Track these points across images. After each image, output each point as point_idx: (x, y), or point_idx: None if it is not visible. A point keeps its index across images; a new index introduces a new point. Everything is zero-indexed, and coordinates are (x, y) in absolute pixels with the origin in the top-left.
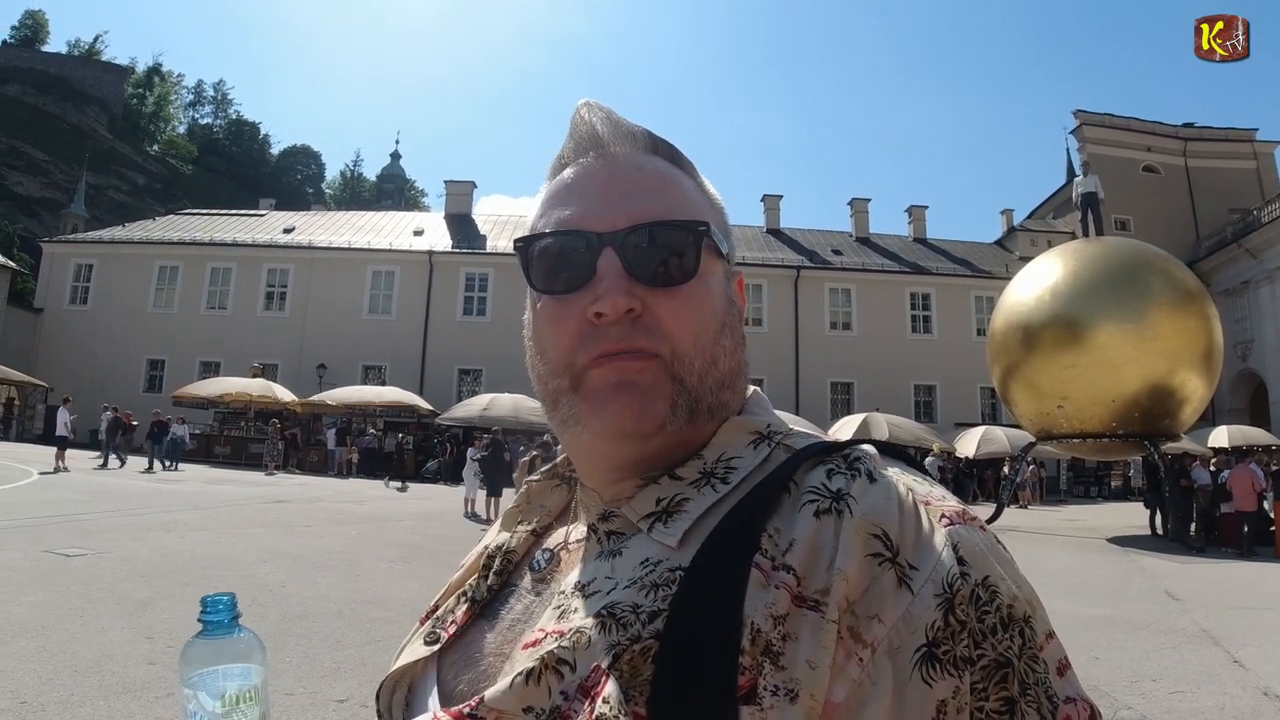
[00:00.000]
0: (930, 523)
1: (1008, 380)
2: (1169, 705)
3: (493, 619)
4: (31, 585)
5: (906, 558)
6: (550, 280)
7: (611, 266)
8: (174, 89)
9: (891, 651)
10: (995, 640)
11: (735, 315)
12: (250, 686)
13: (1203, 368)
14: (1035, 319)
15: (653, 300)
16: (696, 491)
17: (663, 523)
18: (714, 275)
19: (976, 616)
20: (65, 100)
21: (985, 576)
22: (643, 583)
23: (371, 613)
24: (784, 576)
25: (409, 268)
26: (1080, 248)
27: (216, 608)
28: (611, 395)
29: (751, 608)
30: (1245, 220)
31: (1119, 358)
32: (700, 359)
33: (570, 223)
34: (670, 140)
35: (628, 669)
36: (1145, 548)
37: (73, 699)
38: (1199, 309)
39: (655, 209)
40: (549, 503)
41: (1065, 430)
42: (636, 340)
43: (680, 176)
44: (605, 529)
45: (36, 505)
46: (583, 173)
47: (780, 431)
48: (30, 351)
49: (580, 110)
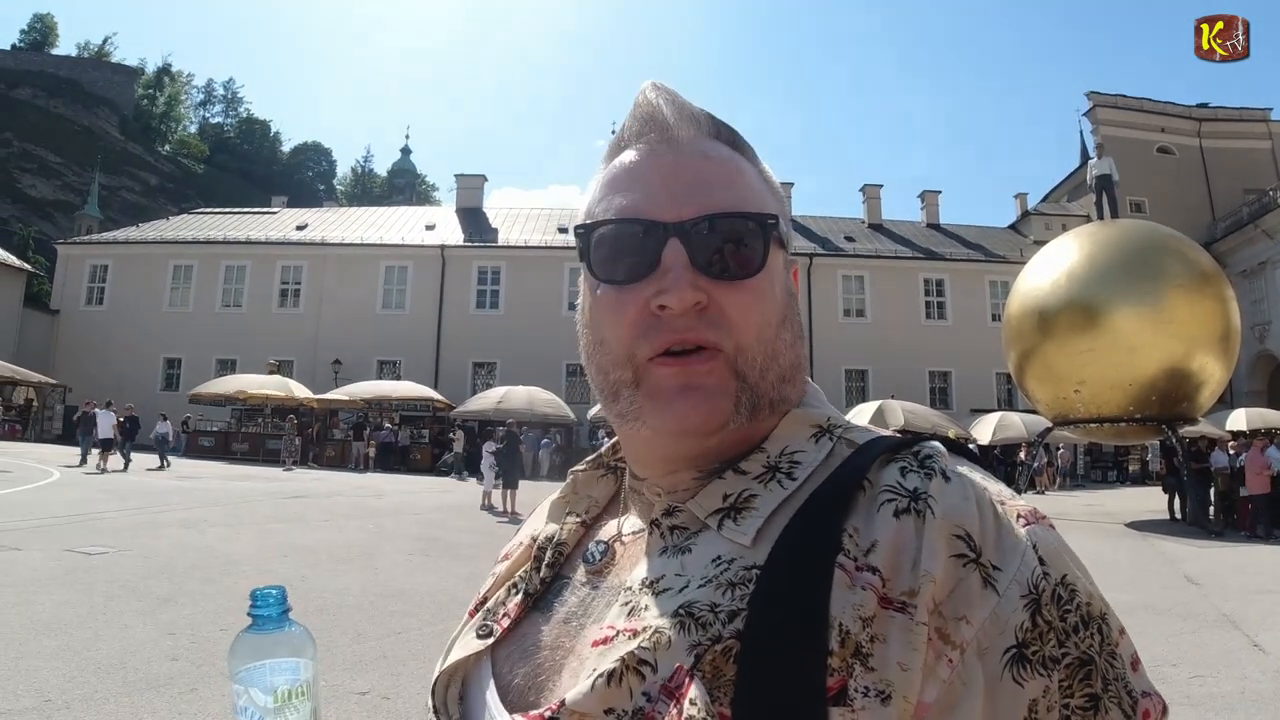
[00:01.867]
0: (1010, 523)
1: (1024, 365)
2: (1189, 690)
3: (546, 612)
4: (53, 584)
5: (990, 558)
6: (611, 268)
7: (678, 258)
8: (184, 89)
9: (981, 652)
10: (1078, 639)
11: (794, 307)
12: (301, 681)
13: (1220, 350)
14: (1051, 303)
15: (718, 293)
16: (763, 487)
17: (733, 520)
18: (777, 267)
19: (1059, 616)
20: (76, 102)
21: (1064, 575)
22: (718, 581)
23: (391, 605)
24: (869, 578)
25: (421, 262)
26: (1095, 231)
27: (266, 601)
28: (677, 396)
29: (838, 608)
30: (1261, 200)
31: (1135, 341)
32: (763, 354)
33: (635, 210)
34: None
35: (710, 670)
36: (1164, 532)
37: (96, 696)
38: (1216, 291)
39: (722, 199)
40: (596, 493)
41: (1082, 415)
42: (702, 333)
43: (743, 164)
44: (669, 524)
45: (57, 505)
46: (646, 157)
47: (840, 425)
48: (47, 353)
49: (645, 91)
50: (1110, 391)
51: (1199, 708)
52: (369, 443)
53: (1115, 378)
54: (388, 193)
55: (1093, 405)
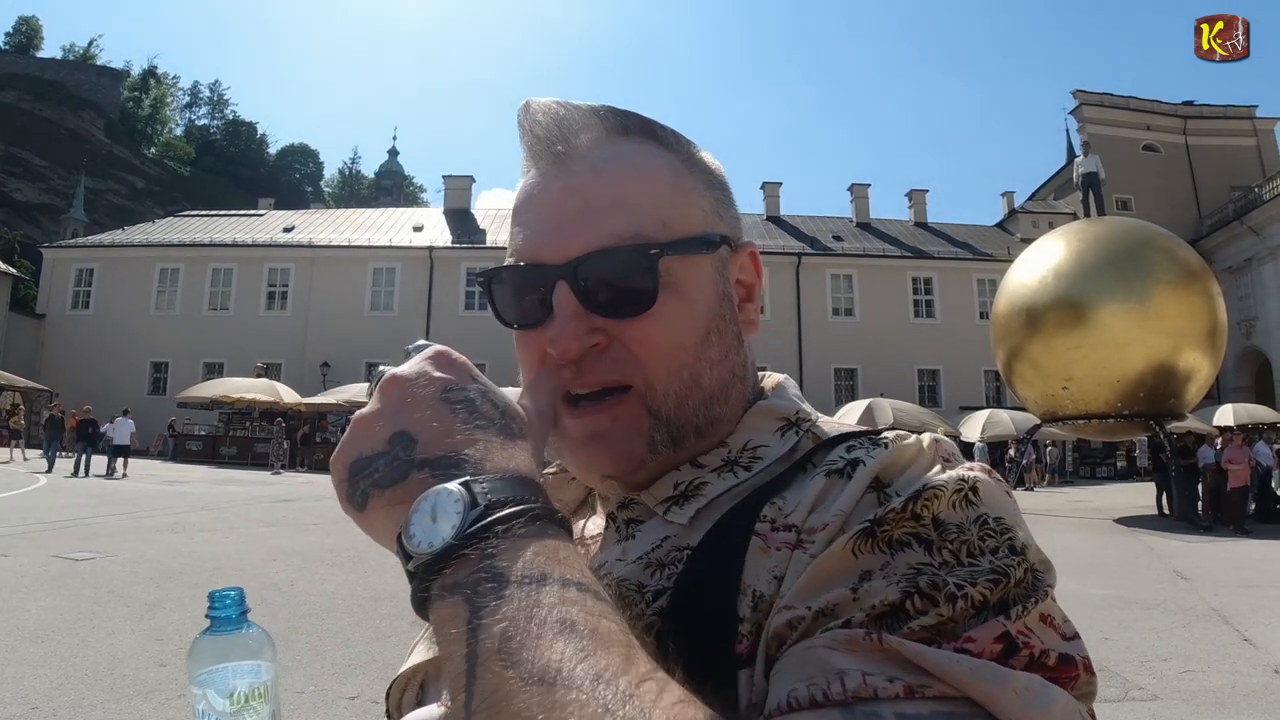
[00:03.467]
0: (935, 466)
1: (1012, 363)
2: (1179, 685)
3: None
4: (40, 590)
5: (895, 489)
6: (511, 313)
7: (566, 303)
8: (170, 91)
9: (831, 536)
10: (961, 535)
11: (728, 312)
12: (260, 684)
13: (1207, 346)
14: (1038, 301)
15: (618, 330)
16: (716, 477)
17: (678, 505)
18: (694, 279)
19: (951, 513)
20: (62, 105)
21: (999, 517)
22: (648, 560)
23: (381, 609)
24: (785, 536)
25: (410, 264)
26: (1082, 228)
27: (224, 603)
28: (585, 445)
29: (752, 576)
30: (1247, 198)
31: (1123, 338)
32: (677, 383)
33: (525, 251)
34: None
35: None
36: (1153, 527)
37: (84, 703)
38: (1202, 287)
39: (609, 227)
40: (565, 496)
41: (1070, 411)
42: (603, 375)
43: (653, 164)
44: (624, 516)
45: (44, 510)
46: (537, 185)
47: (809, 419)
48: (34, 357)
49: (520, 115)
50: (1098, 388)
51: (1190, 702)
52: None
53: (1103, 374)
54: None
55: (1081, 402)
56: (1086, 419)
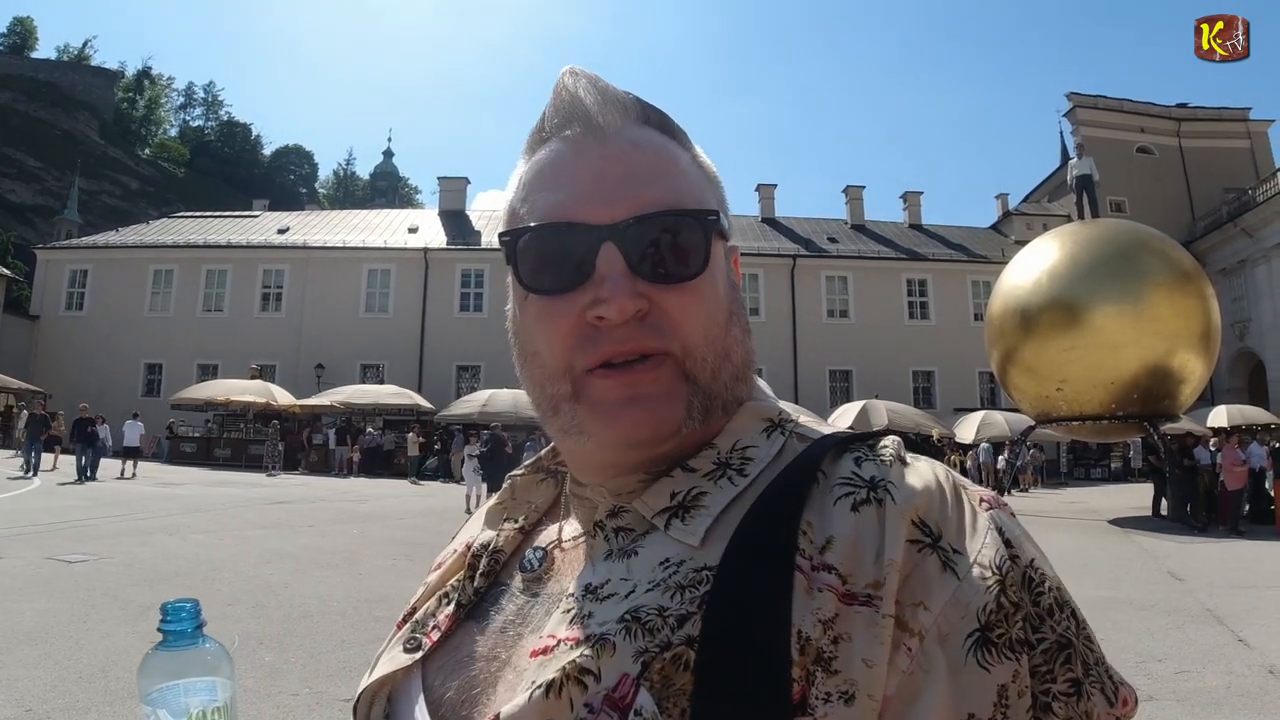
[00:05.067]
0: (973, 508)
1: (1006, 364)
2: (1175, 685)
3: (482, 622)
4: (34, 592)
5: (950, 542)
6: (541, 277)
7: (614, 264)
8: (164, 92)
9: (942, 639)
10: (1054, 622)
11: (739, 299)
12: (217, 703)
13: (1201, 348)
14: (1033, 302)
15: (660, 297)
16: (713, 485)
17: (680, 519)
18: (719, 262)
19: (1031, 599)
20: (56, 106)
21: (1032, 559)
22: (666, 584)
23: (376, 611)
24: (827, 578)
25: (404, 265)
26: (1076, 230)
27: (178, 615)
28: (622, 409)
29: (798, 615)
30: (1240, 200)
31: (1117, 339)
32: (713, 354)
33: (563, 212)
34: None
35: (659, 678)
36: (1147, 528)
37: (78, 705)
38: (1196, 289)
39: (657, 195)
40: (536, 498)
41: (1065, 413)
42: (646, 341)
43: (676, 151)
44: (614, 525)
45: (38, 512)
46: (569, 150)
47: (791, 419)
48: (28, 359)
49: (564, 77)
50: (1092, 389)
51: (1185, 703)
52: (353, 447)
53: (1097, 376)
54: (370, 195)
55: (1075, 403)
56: (1081, 420)
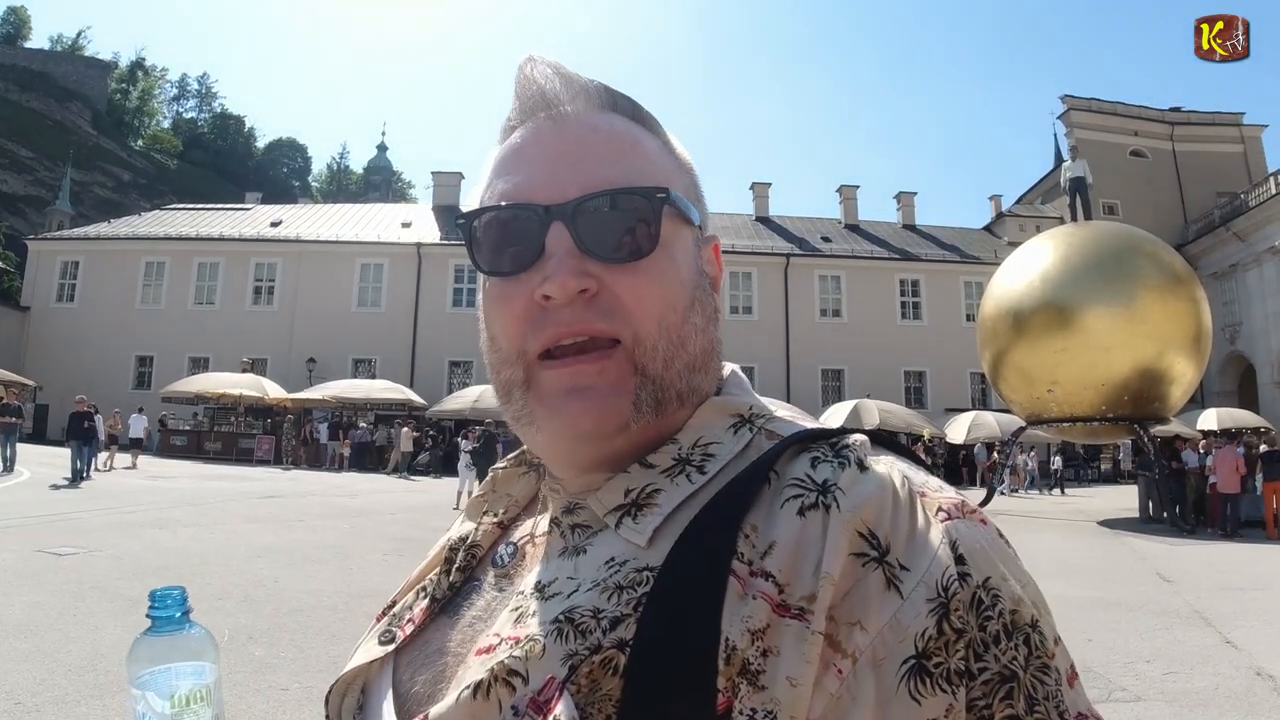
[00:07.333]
0: (926, 518)
1: (998, 365)
2: (1163, 686)
3: (454, 616)
4: (24, 585)
5: (897, 556)
6: (496, 259)
7: (560, 242)
8: (157, 83)
9: (875, 663)
10: (999, 650)
11: (707, 288)
12: (202, 686)
13: (1191, 351)
14: (1025, 304)
15: (609, 278)
16: (669, 482)
17: (632, 518)
18: (680, 245)
19: (977, 624)
20: (49, 97)
21: (986, 578)
22: (605, 585)
23: (366, 606)
24: (762, 585)
25: (397, 260)
26: (1069, 232)
27: (166, 602)
28: (565, 400)
29: (727, 622)
30: (1233, 204)
31: (1108, 341)
32: (665, 342)
33: (515, 194)
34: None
35: (586, 682)
36: (1136, 530)
37: (67, 698)
38: (1187, 292)
39: (610, 175)
40: (516, 491)
41: (1055, 414)
42: (592, 323)
43: (642, 135)
44: (570, 522)
45: (28, 504)
46: (530, 136)
47: (762, 415)
48: (18, 350)
49: (524, 67)
50: (1083, 391)
51: (1173, 704)
52: (345, 442)
53: (1088, 378)
54: (363, 190)
55: (1066, 405)
56: (1071, 422)
